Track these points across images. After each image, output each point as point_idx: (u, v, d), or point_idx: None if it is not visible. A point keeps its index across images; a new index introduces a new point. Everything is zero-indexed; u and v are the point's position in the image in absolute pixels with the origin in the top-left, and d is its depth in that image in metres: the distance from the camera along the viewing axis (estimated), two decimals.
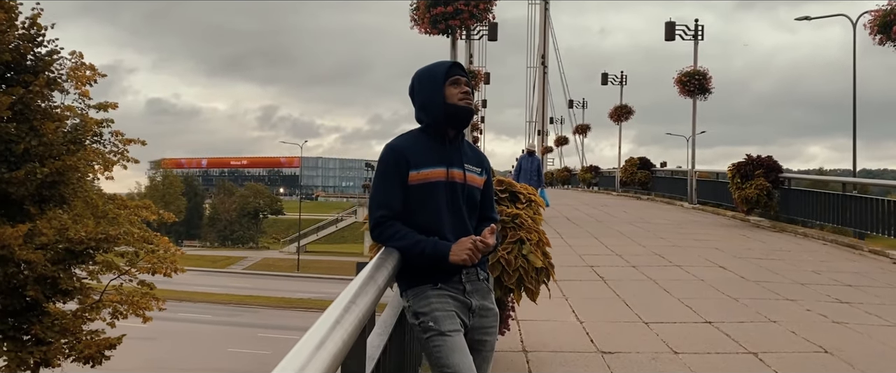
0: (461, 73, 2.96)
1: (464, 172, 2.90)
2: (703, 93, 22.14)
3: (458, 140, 2.95)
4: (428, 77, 2.94)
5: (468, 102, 2.92)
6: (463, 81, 2.94)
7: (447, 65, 2.97)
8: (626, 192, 29.73)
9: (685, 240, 12.87)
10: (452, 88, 2.90)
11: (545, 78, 69.07)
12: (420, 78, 2.97)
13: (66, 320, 12.96)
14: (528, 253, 4.59)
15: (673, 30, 22.87)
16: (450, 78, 2.92)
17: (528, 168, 16.30)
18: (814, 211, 14.43)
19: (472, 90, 3.03)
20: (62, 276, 12.35)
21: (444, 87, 2.90)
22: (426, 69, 2.98)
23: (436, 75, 2.92)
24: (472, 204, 2.94)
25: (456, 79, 2.92)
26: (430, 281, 2.81)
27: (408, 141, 2.91)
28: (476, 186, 2.97)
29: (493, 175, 3.36)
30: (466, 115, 2.91)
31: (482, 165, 3.04)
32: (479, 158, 3.06)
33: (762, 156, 16.31)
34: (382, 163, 2.87)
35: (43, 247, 12.45)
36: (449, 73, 2.92)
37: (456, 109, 2.88)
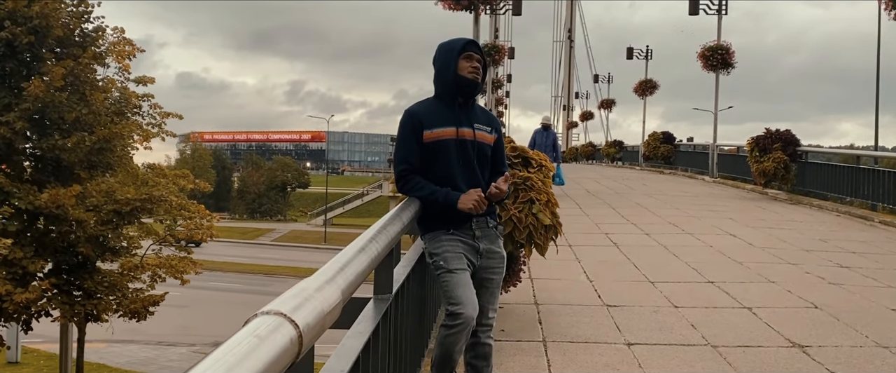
0: (475, 51, 3.45)
1: (473, 131, 3.41)
2: (725, 67, 22.34)
3: (468, 105, 3.45)
4: (446, 49, 3.43)
5: (476, 76, 3.41)
6: (475, 58, 3.43)
7: (464, 41, 3.46)
8: (650, 166, 29.99)
9: (701, 211, 13.24)
10: (465, 62, 3.40)
11: (571, 53, 68.94)
12: (440, 49, 3.47)
13: (113, 277, 13.91)
14: (537, 212, 5.08)
15: (697, 3, 23.03)
16: (464, 53, 3.40)
17: (542, 143, 14.91)
18: (829, 184, 14.73)
19: (485, 67, 3.51)
20: (111, 235, 13.19)
21: (458, 60, 3.39)
22: (447, 42, 3.49)
23: (453, 49, 3.41)
24: (484, 159, 3.44)
25: (469, 54, 3.42)
26: (444, 227, 3.32)
27: (423, 106, 3.43)
28: (486, 143, 3.47)
29: (504, 135, 3.87)
30: (472, 86, 3.39)
31: (492, 125, 3.54)
32: (490, 119, 3.57)
33: (781, 129, 16.57)
34: (401, 125, 3.39)
35: (93, 208, 13.32)
36: (464, 49, 3.41)
37: (463, 80, 3.37)
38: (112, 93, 14.84)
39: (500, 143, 3.61)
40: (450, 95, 3.40)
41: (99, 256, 13.93)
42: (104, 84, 14.62)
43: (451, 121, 3.37)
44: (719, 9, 22.87)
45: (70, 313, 13.33)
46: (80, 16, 14.62)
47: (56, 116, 13.78)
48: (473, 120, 3.43)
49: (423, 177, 3.33)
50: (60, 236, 13.40)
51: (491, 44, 22.40)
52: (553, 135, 15.62)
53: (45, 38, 13.92)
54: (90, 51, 13.95)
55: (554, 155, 14.68)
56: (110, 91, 14.73)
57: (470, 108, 3.45)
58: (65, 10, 13.97)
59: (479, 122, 3.46)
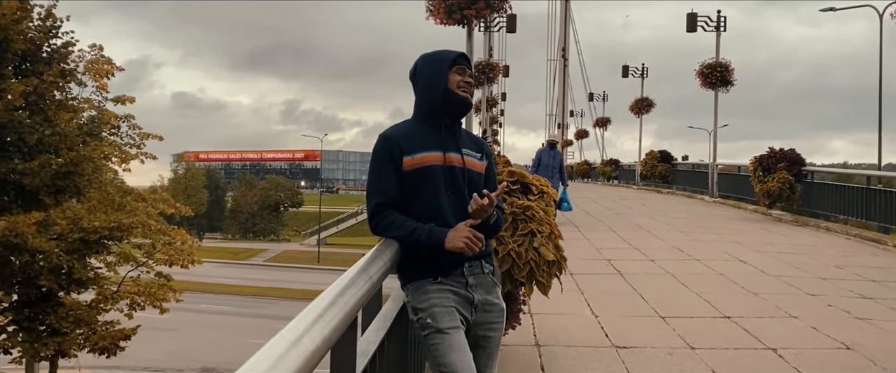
0: (466, 64, 2.91)
1: (462, 157, 2.83)
2: (724, 85, 21.90)
3: (454, 128, 2.89)
4: (435, 60, 2.87)
5: (468, 93, 2.86)
6: (468, 72, 2.89)
7: (457, 53, 2.91)
8: (647, 185, 29.48)
9: (705, 234, 12.69)
10: (456, 75, 2.84)
11: (566, 71, 68.61)
12: (426, 60, 2.90)
13: (81, 311, 13.05)
14: (539, 246, 4.49)
15: (695, 21, 22.62)
16: (456, 65, 2.85)
17: (548, 163, 13.50)
18: (837, 205, 14.19)
19: (474, 85, 2.96)
20: (76, 265, 12.38)
21: (450, 72, 2.83)
22: (433, 53, 2.92)
23: (443, 59, 2.86)
24: (475, 189, 2.81)
25: (461, 68, 2.86)
26: (430, 275, 2.73)
27: (400, 129, 2.85)
28: (477, 170, 2.89)
29: (495, 160, 3.28)
30: (463, 105, 2.85)
31: (481, 149, 2.96)
32: (478, 143, 2.98)
33: (785, 149, 16.06)
34: (375, 153, 2.81)
35: (58, 237, 12.54)
36: (457, 61, 2.86)
37: (455, 97, 2.82)
38: (83, 113, 14.08)
39: (492, 170, 3.02)
40: (435, 115, 2.83)
41: (64, 289, 13.08)
42: (77, 103, 13.89)
43: (437, 144, 2.79)
44: (718, 26, 22.46)
45: (31, 351, 12.51)
46: (47, 31, 13.85)
47: (16, 137, 12.98)
48: (461, 144, 2.87)
49: (405, 213, 2.75)
50: (21, 268, 12.54)
51: (486, 61, 21.90)
52: (560, 155, 13.99)
53: (4, 53, 13.14)
54: (55, 68, 13.17)
55: (560, 177, 13.49)
56: (80, 111, 13.98)
57: (456, 131, 2.90)
58: (27, 23, 13.19)
59: (467, 146, 2.89)
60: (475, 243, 2.63)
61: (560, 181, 13.32)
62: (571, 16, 68.60)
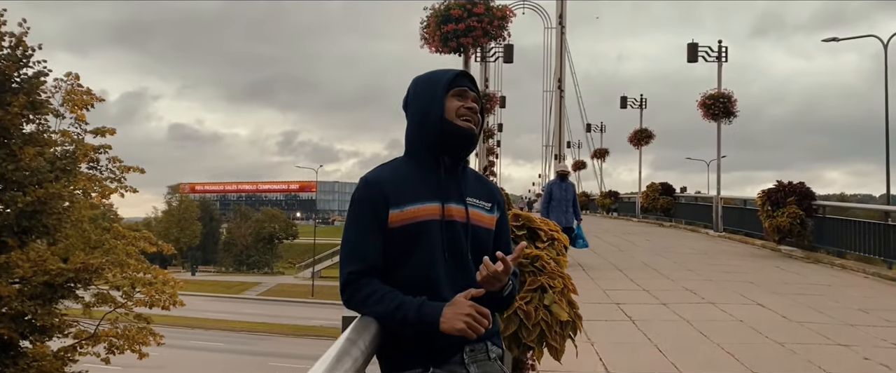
0: (469, 85, 2.25)
1: (466, 209, 2.17)
2: (727, 116, 21.39)
3: (457, 169, 2.24)
4: (427, 83, 2.24)
5: (470, 122, 2.21)
6: (470, 96, 2.23)
7: (453, 72, 2.25)
8: (648, 218, 28.87)
9: (715, 272, 12.04)
10: (455, 101, 2.20)
11: (562, 101, 68.37)
12: (418, 84, 2.27)
13: (45, 361, 12.10)
14: (551, 303, 3.85)
15: (696, 51, 22.18)
16: (454, 88, 2.22)
17: (560, 197, 12.19)
18: (852, 241, 13.56)
19: (482, 110, 2.30)
20: (39, 311, 11.50)
21: (446, 98, 2.20)
22: (426, 75, 2.28)
23: (436, 83, 2.22)
24: (481, 251, 2.16)
25: (461, 90, 2.22)
26: (420, 364, 2.07)
27: (388, 172, 2.20)
28: (485, 226, 2.23)
29: (509, 211, 2.63)
30: (464, 139, 2.20)
31: (493, 199, 2.30)
32: (489, 191, 2.31)
33: (794, 182, 15.48)
34: (355, 203, 2.17)
35: (20, 280, 11.70)
36: (454, 83, 2.22)
37: (454, 129, 2.18)
38: (55, 146, 13.28)
39: (505, 225, 2.37)
40: (431, 154, 2.19)
41: (25, 337, 12.16)
42: (47, 136, 13.13)
43: (434, 193, 2.15)
44: (719, 56, 22.01)
45: None
46: (17, 60, 12.86)
47: None
48: (466, 192, 2.22)
49: (389, 282, 2.10)
50: None
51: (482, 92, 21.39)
52: (573, 187, 12.66)
53: None
54: (22, 98, 12.37)
55: (574, 212, 12.34)
56: (52, 144, 13.22)
57: (460, 174, 2.24)
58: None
59: (473, 194, 2.23)
60: (479, 323, 1.98)
61: (574, 216, 12.34)
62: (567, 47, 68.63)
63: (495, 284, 2.03)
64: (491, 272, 2.00)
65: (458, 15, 9.71)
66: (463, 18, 9.62)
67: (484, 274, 2.01)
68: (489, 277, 2.01)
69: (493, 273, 2.00)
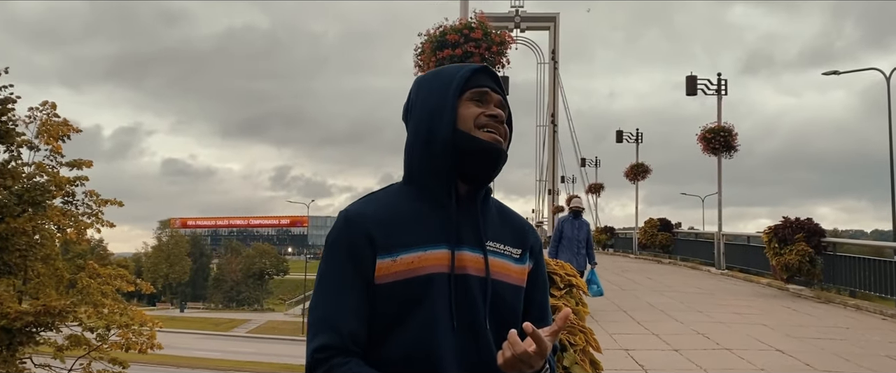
0: (492, 86, 1.61)
1: (485, 257, 1.54)
2: (728, 150, 20.93)
3: (476, 201, 1.59)
4: (434, 83, 1.61)
5: (495, 134, 1.56)
6: (495, 99, 1.60)
7: (470, 68, 1.62)
8: (645, 254, 28.25)
9: (725, 314, 11.39)
10: (473, 106, 1.57)
11: (555, 136, 68.21)
12: (421, 85, 1.64)
13: None
14: (571, 365, 3.22)
15: (695, 84, 21.79)
16: (472, 88, 1.58)
17: (572, 236, 10.64)
18: (867, 281, 12.94)
19: (510, 119, 1.66)
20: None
21: (459, 101, 1.57)
22: (433, 72, 1.65)
23: (447, 81, 1.59)
24: (507, 317, 1.53)
25: (482, 92, 1.58)
26: None
27: (377, 205, 1.56)
28: (512, 282, 1.58)
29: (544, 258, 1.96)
30: (487, 157, 1.55)
31: (524, 242, 1.64)
32: (519, 231, 1.65)
33: (801, 218, 14.92)
34: (328, 248, 1.54)
35: None
36: (471, 82, 1.59)
37: (471, 143, 1.54)
38: (23, 179, 12.51)
39: (541, 280, 1.69)
40: (439, 180, 1.57)
41: None
42: (13, 168, 12.38)
43: (440, 234, 1.52)
44: (719, 89, 21.61)
45: None
46: None
47: None
48: (486, 233, 1.58)
49: (375, 360, 1.47)
50: None
51: None
52: (586, 225, 10.96)
53: None
54: None
55: (588, 254, 10.78)
56: (18, 176, 12.44)
57: (479, 207, 1.60)
58: None
59: (496, 236, 1.60)
60: None
61: (587, 258, 10.75)
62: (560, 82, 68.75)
63: (524, 369, 1.38)
64: (518, 354, 1.36)
65: (454, 40, 9.15)
66: (459, 44, 9.05)
67: (508, 356, 1.37)
68: (515, 359, 1.37)
69: (521, 355, 1.35)
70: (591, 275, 10.52)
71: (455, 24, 9.52)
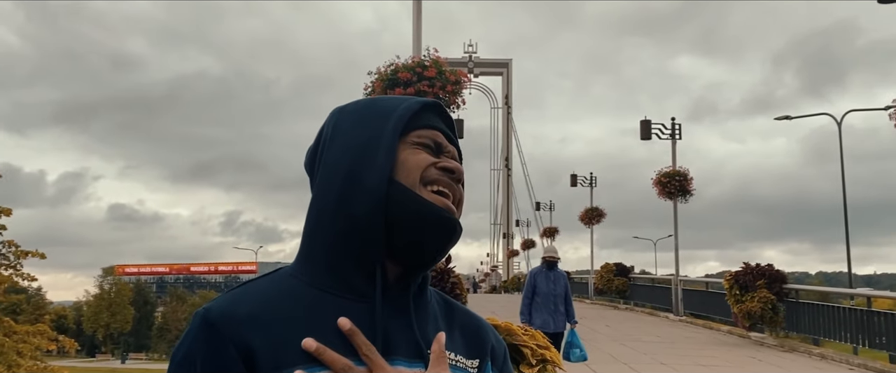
0: (445, 129, 1.06)
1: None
2: (683, 194, 20.73)
3: (408, 291, 1.01)
4: (365, 115, 1.03)
5: (450, 196, 1.01)
6: (450, 149, 1.05)
7: (416, 101, 1.05)
8: (601, 300, 27.82)
9: (691, 366, 10.90)
10: (420, 153, 1.01)
11: (509, 180, 68.32)
12: (343, 116, 1.05)
13: None
14: None
15: (649, 128, 21.68)
16: (419, 129, 1.02)
17: (548, 291, 8.79)
18: (832, 329, 12.60)
19: (461, 174, 1.04)
20: None
21: (400, 146, 1.00)
22: (366, 102, 1.07)
23: (384, 113, 1.02)
24: None
25: (432, 134, 1.03)
26: None
27: (254, 300, 0.96)
28: None
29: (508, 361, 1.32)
30: (441, 228, 0.98)
31: (481, 347, 1.07)
32: (474, 333, 1.08)
33: (762, 264, 14.62)
34: (173, 368, 0.94)
35: None
36: (419, 120, 1.03)
37: (418, 207, 0.97)
38: None
39: None
40: (355, 261, 0.97)
41: None
42: None
43: (351, 346, 0.92)
44: (673, 134, 21.52)
45: None
46: None
47: None
48: (427, 337, 0.99)
49: None
50: None
51: None
52: (564, 278, 9.10)
53: None
54: None
55: (567, 312, 8.93)
56: None
57: (412, 301, 1.01)
58: None
59: (451, 346, 1.01)
60: None
61: (566, 317, 8.91)
62: (514, 126, 69.18)
63: None
64: None
65: (406, 78, 8.56)
66: (412, 82, 8.46)
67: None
68: None
69: None
70: (572, 336, 8.79)
71: (408, 62, 8.97)
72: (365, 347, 0.92)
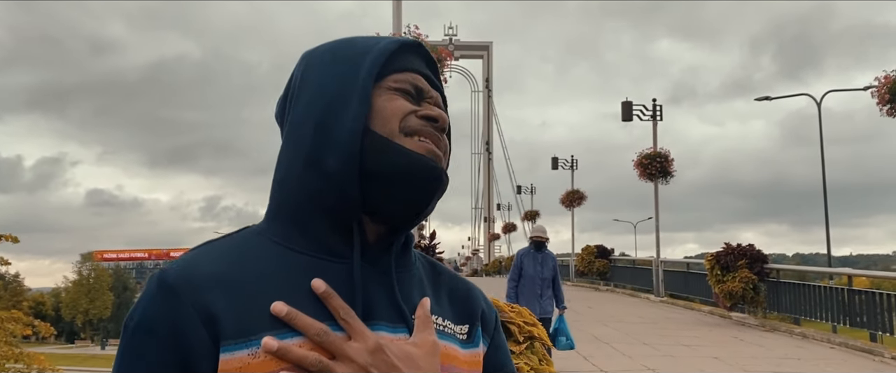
0: (426, 71, 0.94)
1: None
2: (664, 176, 20.71)
3: (390, 252, 0.89)
4: (337, 57, 0.90)
5: (431, 144, 0.88)
6: (435, 96, 0.93)
7: (392, 41, 0.92)
8: (583, 282, 27.90)
9: (673, 346, 10.89)
10: (398, 99, 0.89)
11: (490, 164, 68.33)
12: (313, 60, 0.92)
13: None
14: None
15: (630, 110, 21.64)
16: (396, 72, 0.90)
17: (534, 273, 8.25)
18: (812, 308, 12.66)
19: (448, 126, 0.94)
20: None
21: (376, 89, 0.88)
22: (338, 42, 0.94)
23: (356, 55, 0.89)
24: None
25: (412, 78, 0.91)
26: None
27: (217, 259, 0.84)
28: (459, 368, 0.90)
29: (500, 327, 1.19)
30: (424, 180, 0.87)
31: (471, 312, 0.97)
32: (463, 298, 0.98)
33: (743, 244, 14.66)
34: (130, 333, 0.81)
35: None
36: (396, 62, 0.90)
37: (398, 158, 0.86)
38: None
39: (502, 358, 0.99)
40: (332, 217, 0.87)
41: None
42: None
43: (323, 310, 0.81)
44: (654, 115, 21.50)
45: None
46: None
47: None
48: (411, 302, 0.89)
49: None
50: None
51: None
52: (553, 259, 8.48)
53: None
54: None
55: (555, 295, 8.40)
56: None
57: (393, 261, 0.89)
58: None
59: (439, 313, 0.92)
60: None
61: (553, 301, 8.38)
62: (494, 110, 69.08)
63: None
64: None
65: None
66: None
67: None
68: None
69: None
70: (560, 322, 8.25)
71: None
72: (342, 310, 0.81)
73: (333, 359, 0.78)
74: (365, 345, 0.79)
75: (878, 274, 16.68)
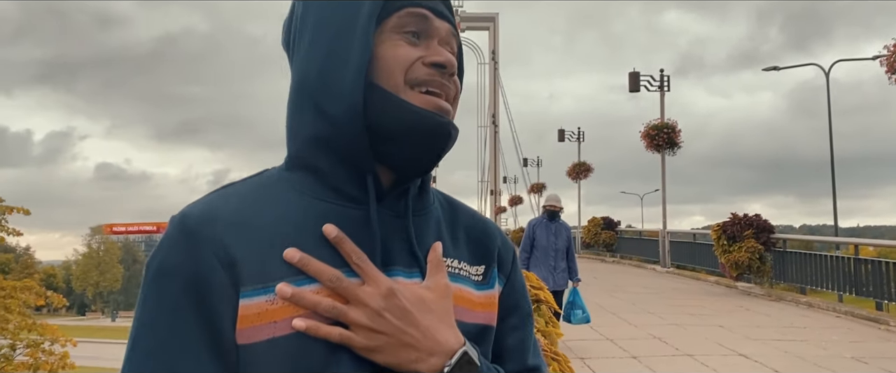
0: (435, 6, 0.89)
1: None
2: (671, 147, 20.63)
3: (406, 196, 0.90)
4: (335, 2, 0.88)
5: (441, 95, 0.87)
6: (441, 28, 0.89)
7: None
8: (588, 253, 27.99)
9: (679, 315, 10.95)
10: (403, 45, 0.86)
11: (496, 136, 68.12)
12: (308, 2, 0.91)
13: None
14: None
15: (637, 80, 21.52)
16: (399, 10, 0.87)
17: (548, 244, 7.93)
18: (819, 278, 12.67)
19: (461, 66, 0.93)
20: None
21: (379, 33, 0.86)
22: None
23: None
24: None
25: (418, 13, 0.87)
26: None
27: (237, 203, 0.85)
28: (475, 319, 0.91)
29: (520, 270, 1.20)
30: (431, 136, 0.86)
31: (487, 252, 0.97)
32: (480, 237, 0.98)
33: (749, 214, 14.66)
34: (151, 279, 0.81)
35: None
36: (399, 1, 0.87)
37: (403, 114, 0.85)
38: None
39: (521, 310, 0.98)
40: (344, 165, 0.87)
41: None
42: None
43: (336, 254, 0.82)
44: (661, 85, 21.38)
45: None
46: None
47: None
48: (429, 244, 0.89)
49: None
50: None
51: None
52: (567, 230, 8.14)
53: None
54: None
55: (569, 267, 8.07)
56: None
57: (408, 205, 0.90)
58: None
59: (444, 250, 0.91)
60: None
61: (568, 273, 8.06)
62: (501, 82, 68.74)
63: None
64: None
65: None
66: None
67: None
68: None
69: None
70: (574, 295, 8.04)
71: None
72: (355, 255, 0.83)
73: (347, 304, 0.81)
74: (378, 289, 0.81)
75: (885, 243, 16.67)
